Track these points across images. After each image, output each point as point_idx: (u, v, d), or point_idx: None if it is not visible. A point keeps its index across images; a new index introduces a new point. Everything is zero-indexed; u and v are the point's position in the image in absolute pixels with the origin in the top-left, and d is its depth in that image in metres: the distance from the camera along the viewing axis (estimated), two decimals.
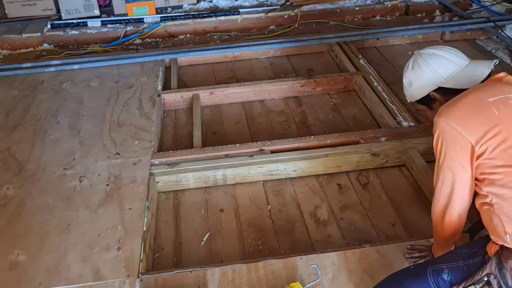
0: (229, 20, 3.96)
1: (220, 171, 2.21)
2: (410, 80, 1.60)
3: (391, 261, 1.70)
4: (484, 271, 1.32)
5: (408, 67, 1.61)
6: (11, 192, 2.14)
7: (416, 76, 1.57)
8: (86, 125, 2.60)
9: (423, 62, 1.55)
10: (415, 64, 1.58)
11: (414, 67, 1.58)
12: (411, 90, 1.61)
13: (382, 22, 3.95)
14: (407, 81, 1.62)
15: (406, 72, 1.62)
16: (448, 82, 1.50)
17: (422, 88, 1.56)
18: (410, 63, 1.61)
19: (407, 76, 1.61)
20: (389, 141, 2.32)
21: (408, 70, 1.61)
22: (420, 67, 1.55)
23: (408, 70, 1.61)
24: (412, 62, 1.60)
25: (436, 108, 1.53)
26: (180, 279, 1.68)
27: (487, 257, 1.33)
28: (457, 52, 1.56)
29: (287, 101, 2.94)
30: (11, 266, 1.77)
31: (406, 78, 1.62)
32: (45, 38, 3.81)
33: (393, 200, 2.11)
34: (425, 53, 1.57)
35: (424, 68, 1.54)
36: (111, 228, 1.91)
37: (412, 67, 1.59)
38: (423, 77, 1.54)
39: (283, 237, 1.96)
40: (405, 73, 1.63)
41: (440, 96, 1.53)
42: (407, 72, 1.61)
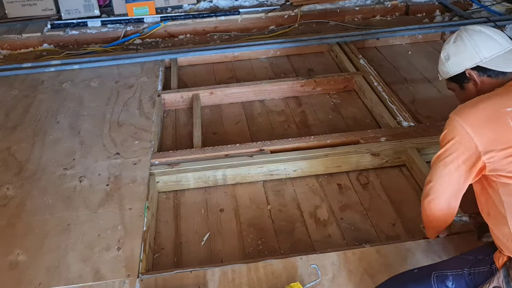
0: (229, 20, 3.96)
1: (220, 171, 2.21)
2: (448, 54, 1.51)
3: (391, 261, 1.69)
4: (492, 283, 1.30)
5: (450, 40, 1.52)
6: (11, 192, 2.14)
7: (456, 50, 1.48)
8: (86, 125, 2.60)
9: (468, 37, 1.46)
10: (458, 38, 1.50)
11: (456, 41, 1.49)
12: (447, 65, 1.52)
13: (382, 22, 3.95)
14: (445, 55, 1.53)
15: (446, 45, 1.53)
16: (488, 62, 1.43)
17: (460, 64, 1.48)
18: (453, 37, 1.52)
19: (446, 50, 1.52)
20: (389, 141, 2.32)
21: (449, 43, 1.52)
22: (464, 41, 1.47)
23: (449, 43, 1.52)
24: (455, 36, 1.52)
25: (467, 88, 1.50)
26: (180, 279, 1.68)
27: (494, 268, 1.31)
28: (503, 35, 1.50)
29: (287, 101, 2.94)
30: (11, 266, 1.77)
31: (445, 51, 1.53)
32: (45, 38, 3.81)
33: (393, 200, 2.11)
34: (472, 29, 1.49)
35: (467, 43, 1.46)
36: (111, 228, 1.91)
37: (455, 40, 1.50)
38: (464, 53, 1.46)
39: (283, 237, 1.96)
40: (444, 46, 1.54)
41: (476, 75, 1.45)
42: (447, 45, 1.53)
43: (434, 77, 3.06)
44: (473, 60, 1.45)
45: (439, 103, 2.76)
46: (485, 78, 1.44)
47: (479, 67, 1.44)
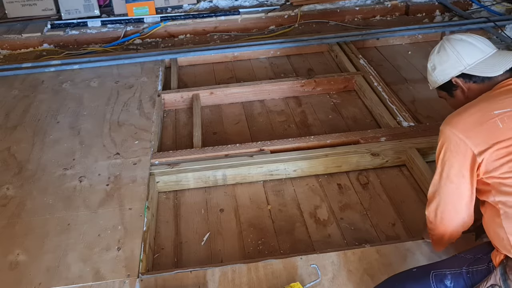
0: (229, 20, 3.96)
1: (220, 171, 2.21)
2: (434, 64, 1.57)
3: (391, 261, 1.70)
4: (489, 281, 1.30)
5: (434, 51, 1.58)
6: (11, 192, 2.14)
7: (440, 60, 1.54)
8: (86, 125, 2.60)
9: (450, 46, 1.52)
10: (441, 48, 1.55)
11: (439, 51, 1.55)
12: (434, 75, 1.58)
13: (382, 22, 3.95)
14: (431, 65, 1.59)
15: (431, 56, 1.59)
16: (472, 69, 1.47)
17: (445, 73, 1.53)
18: (437, 47, 1.58)
19: (432, 60, 1.58)
20: (389, 141, 2.32)
21: (433, 54, 1.58)
22: (446, 51, 1.52)
23: (434, 54, 1.58)
24: (438, 46, 1.58)
25: (456, 96, 1.54)
26: (180, 279, 1.68)
27: (491, 266, 1.32)
28: (485, 40, 1.53)
29: (287, 101, 2.94)
30: (11, 266, 1.77)
31: (431, 62, 1.59)
32: (45, 38, 3.81)
33: (393, 200, 2.11)
34: (453, 39, 1.54)
35: (449, 53, 1.51)
36: (111, 228, 1.91)
37: (438, 51, 1.56)
38: (448, 62, 1.52)
39: (283, 237, 1.96)
40: (430, 57, 1.60)
41: (462, 82, 1.50)
42: (432, 56, 1.58)
43: None
44: (457, 68, 1.50)
45: (439, 103, 2.73)
46: (471, 84, 1.48)
47: (464, 74, 1.49)
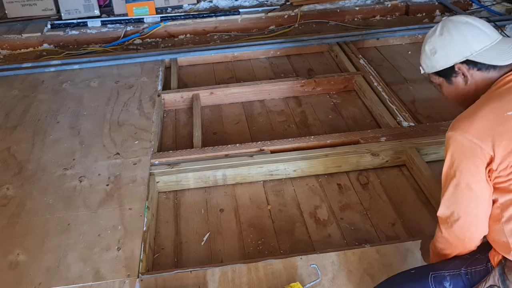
0: (229, 20, 3.96)
1: (220, 171, 2.21)
2: (434, 47, 1.41)
3: (391, 261, 1.70)
4: (487, 282, 1.28)
5: (435, 32, 1.42)
6: (11, 192, 2.14)
7: (444, 43, 1.38)
8: (86, 125, 2.60)
9: (455, 29, 1.37)
10: (444, 30, 1.39)
11: (442, 33, 1.39)
12: (434, 59, 1.42)
13: (382, 22, 3.95)
14: (430, 48, 1.42)
15: (431, 38, 1.43)
16: (478, 55, 1.34)
17: (448, 58, 1.38)
18: (438, 28, 1.41)
19: (432, 42, 1.41)
20: (389, 141, 2.32)
21: (434, 35, 1.41)
22: (451, 34, 1.37)
23: (435, 35, 1.41)
24: (440, 27, 1.41)
25: (455, 83, 1.41)
26: (180, 279, 1.68)
27: (490, 266, 1.30)
28: (490, 26, 1.40)
29: (287, 101, 2.94)
30: (11, 266, 1.77)
31: (430, 44, 1.42)
32: (45, 38, 3.81)
33: (393, 200, 2.11)
34: (457, 21, 1.38)
35: (455, 36, 1.36)
36: (111, 228, 1.91)
37: (441, 33, 1.39)
38: (452, 46, 1.37)
39: (283, 237, 1.96)
40: (429, 39, 1.43)
41: (466, 69, 1.37)
42: (433, 37, 1.42)
43: None
44: (462, 53, 1.36)
45: (439, 103, 2.76)
46: (475, 71, 1.36)
47: (468, 61, 1.36)
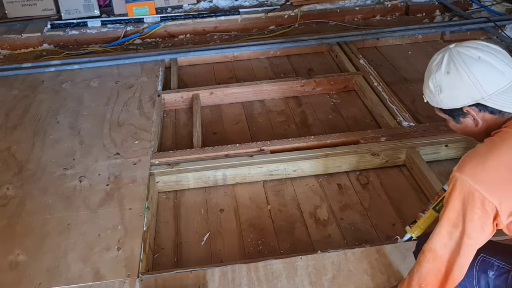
0: (229, 20, 3.96)
1: (220, 171, 2.21)
2: (440, 86, 1.26)
3: (391, 261, 1.70)
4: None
5: (441, 68, 1.25)
6: (11, 192, 2.14)
7: (451, 84, 1.23)
8: (86, 125, 2.60)
9: (464, 68, 1.21)
10: (451, 67, 1.23)
11: (450, 72, 1.23)
12: (439, 98, 1.28)
13: (382, 22, 3.95)
14: (435, 85, 1.27)
15: (435, 74, 1.27)
16: (491, 99, 1.20)
17: (455, 100, 1.24)
18: (444, 63, 1.25)
19: (437, 80, 1.26)
20: (389, 141, 2.32)
21: (439, 72, 1.25)
22: (460, 74, 1.21)
23: (440, 72, 1.25)
24: (446, 63, 1.24)
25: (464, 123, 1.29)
26: (180, 279, 1.68)
27: None
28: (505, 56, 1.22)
29: (287, 101, 2.94)
30: (11, 266, 1.77)
31: (435, 81, 1.27)
32: (45, 38, 3.81)
33: (393, 200, 2.11)
34: (468, 56, 1.22)
35: (464, 77, 1.21)
36: (111, 228, 1.91)
37: (447, 70, 1.23)
38: (461, 89, 1.22)
39: (283, 237, 1.96)
40: (433, 74, 1.27)
41: (475, 112, 1.24)
42: (438, 74, 1.26)
43: None
44: (472, 97, 1.22)
45: None
46: (486, 114, 1.23)
47: (479, 104, 1.23)
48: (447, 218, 1.22)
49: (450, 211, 1.21)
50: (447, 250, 1.23)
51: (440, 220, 1.24)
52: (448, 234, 1.22)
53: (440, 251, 1.24)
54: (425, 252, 1.28)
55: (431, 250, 1.26)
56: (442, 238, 1.24)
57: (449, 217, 1.22)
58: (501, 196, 1.14)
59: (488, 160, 1.16)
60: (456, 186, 1.19)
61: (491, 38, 3.50)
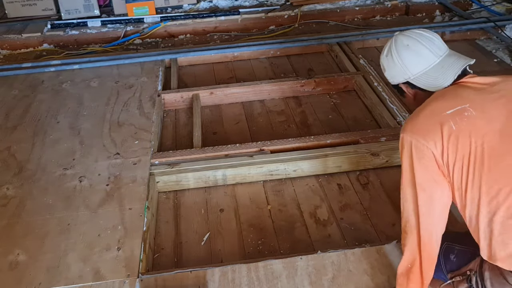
0: (229, 20, 3.96)
1: (220, 171, 2.21)
2: (383, 66, 1.57)
3: (391, 261, 1.70)
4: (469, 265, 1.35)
5: (384, 52, 1.56)
6: (11, 192, 2.14)
7: (388, 64, 1.53)
8: (86, 125, 2.60)
9: (396, 53, 1.49)
10: (389, 52, 1.53)
11: (387, 55, 1.53)
12: (385, 75, 1.58)
13: (382, 22, 3.95)
14: (382, 65, 1.58)
15: (381, 56, 1.58)
16: (415, 79, 1.46)
17: (393, 78, 1.54)
18: (386, 49, 1.55)
19: (381, 61, 1.58)
20: (389, 141, 2.32)
21: (383, 55, 1.57)
22: (392, 57, 1.50)
23: (383, 55, 1.56)
24: (388, 48, 1.54)
25: (406, 96, 1.55)
26: (180, 279, 1.68)
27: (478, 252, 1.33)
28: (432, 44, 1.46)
29: (287, 101, 2.94)
30: (11, 266, 1.77)
31: (381, 61, 1.58)
32: (45, 38, 3.81)
33: (393, 200, 2.11)
34: (400, 43, 1.49)
35: (395, 60, 1.49)
36: (111, 228, 1.91)
37: (386, 54, 1.54)
38: (394, 68, 1.51)
39: (283, 237, 1.96)
40: (382, 56, 1.58)
41: (408, 89, 1.51)
42: (382, 56, 1.57)
43: None
44: (402, 76, 1.49)
45: None
46: (417, 91, 1.48)
47: (409, 83, 1.48)
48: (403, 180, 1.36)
49: (403, 170, 1.35)
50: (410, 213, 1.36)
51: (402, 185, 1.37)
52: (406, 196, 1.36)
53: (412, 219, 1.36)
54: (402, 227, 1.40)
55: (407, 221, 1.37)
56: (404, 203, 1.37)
57: (404, 178, 1.36)
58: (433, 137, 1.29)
59: (420, 112, 1.36)
60: (402, 145, 1.36)
61: (491, 38, 3.50)
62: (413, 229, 1.36)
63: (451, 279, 1.41)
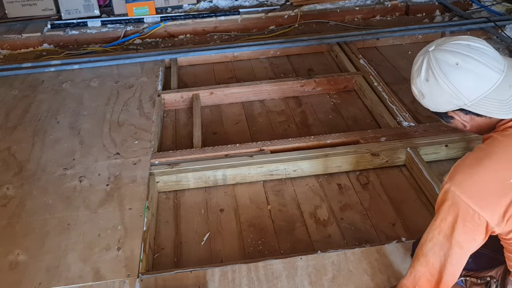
0: (229, 20, 3.96)
1: (220, 171, 2.21)
2: (421, 92, 1.25)
3: (391, 261, 1.70)
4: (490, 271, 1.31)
5: (421, 75, 1.22)
6: (11, 192, 2.14)
7: (431, 91, 1.21)
8: (86, 125, 2.60)
9: (442, 76, 1.17)
10: (429, 75, 1.19)
11: (429, 80, 1.20)
12: (424, 102, 1.28)
13: (382, 22, 3.95)
14: (418, 91, 1.26)
15: (416, 80, 1.25)
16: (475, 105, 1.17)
17: (438, 105, 1.24)
18: (423, 70, 1.21)
19: (418, 87, 1.25)
20: (389, 141, 2.32)
21: (419, 79, 1.23)
22: (438, 83, 1.18)
23: (420, 79, 1.23)
24: (425, 69, 1.21)
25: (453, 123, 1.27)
26: (180, 279, 1.68)
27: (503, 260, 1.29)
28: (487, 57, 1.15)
29: (287, 101, 2.94)
30: (11, 266, 1.77)
31: (416, 87, 1.26)
32: (45, 38, 3.81)
33: (393, 200, 2.11)
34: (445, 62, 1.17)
35: (443, 86, 1.17)
36: (111, 228, 1.91)
37: (426, 78, 1.20)
38: (441, 96, 1.20)
39: (283, 237, 1.96)
40: (415, 80, 1.25)
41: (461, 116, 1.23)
42: (418, 81, 1.24)
43: None
44: (454, 103, 1.20)
45: None
46: (473, 116, 1.21)
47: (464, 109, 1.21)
48: (438, 228, 1.23)
49: (442, 221, 1.21)
50: (438, 259, 1.25)
51: (432, 227, 1.25)
52: (439, 244, 1.23)
53: (432, 258, 1.26)
54: (418, 256, 1.29)
55: (424, 255, 1.27)
56: (434, 247, 1.25)
57: (440, 228, 1.22)
58: (491, 209, 1.14)
59: (477, 172, 1.15)
60: (448, 198, 1.18)
61: (491, 38, 3.50)
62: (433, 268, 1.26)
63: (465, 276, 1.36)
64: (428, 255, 1.26)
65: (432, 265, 1.26)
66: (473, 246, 1.21)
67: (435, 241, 1.24)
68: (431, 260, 1.26)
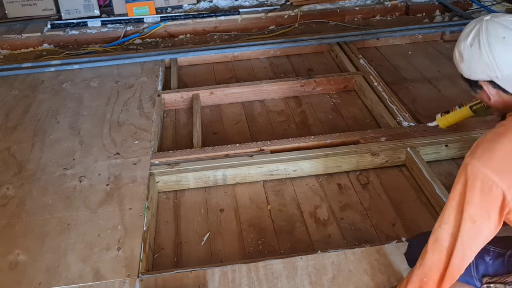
0: (229, 20, 3.96)
1: (220, 171, 2.21)
2: (462, 55, 1.29)
3: (391, 261, 1.70)
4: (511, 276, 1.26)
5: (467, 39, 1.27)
6: (11, 192, 2.14)
7: (471, 56, 1.26)
8: (86, 125, 2.60)
9: (486, 44, 1.22)
10: (475, 41, 1.25)
11: (473, 45, 1.25)
12: (460, 66, 1.32)
13: (382, 22, 3.96)
14: (459, 54, 1.30)
15: (462, 43, 1.29)
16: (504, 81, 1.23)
17: (473, 73, 1.28)
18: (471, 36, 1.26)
19: (461, 49, 1.29)
20: (389, 141, 2.32)
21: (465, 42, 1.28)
22: (480, 50, 1.23)
23: (466, 43, 1.28)
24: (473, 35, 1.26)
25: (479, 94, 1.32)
26: (180, 279, 1.68)
27: None
28: None
29: (287, 101, 2.95)
30: (11, 266, 1.77)
31: (460, 50, 1.30)
32: (45, 38, 3.81)
33: (393, 200, 2.11)
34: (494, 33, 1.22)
35: (483, 54, 1.23)
36: (111, 228, 1.91)
37: (471, 43, 1.25)
38: (478, 63, 1.25)
39: (283, 237, 1.96)
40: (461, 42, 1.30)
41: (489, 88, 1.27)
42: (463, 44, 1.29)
43: (434, 77, 3.06)
44: (487, 73, 1.24)
45: (439, 103, 2.76)
46: (501, 92, 1.25)
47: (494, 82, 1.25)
48: (453, 205, 1.22)
49: (456, 194, 1.21)
50: (448, 236, 1.23)
51: (447, 206, 1.24)
52: (451, 220, 1.22)
53: (442, 236, 1.24)
54: (429, 244, 1.28)
55: (437, 240, 1.26)
56: (449, 228, 1.23)
57: (454, 202, 1.21)
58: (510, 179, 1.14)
59: (498, 145, 1.17)
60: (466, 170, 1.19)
61: None
62: (443, 249, 1.25)
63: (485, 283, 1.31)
64: (442, 240, 1.25)
65: (442, 245, 1.25)
66: (486, 225, 1.19)
67: (451, 219, 1.23)
68: (444, 245, 1.24)
